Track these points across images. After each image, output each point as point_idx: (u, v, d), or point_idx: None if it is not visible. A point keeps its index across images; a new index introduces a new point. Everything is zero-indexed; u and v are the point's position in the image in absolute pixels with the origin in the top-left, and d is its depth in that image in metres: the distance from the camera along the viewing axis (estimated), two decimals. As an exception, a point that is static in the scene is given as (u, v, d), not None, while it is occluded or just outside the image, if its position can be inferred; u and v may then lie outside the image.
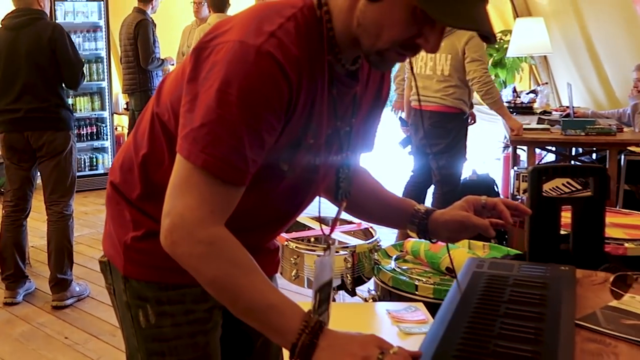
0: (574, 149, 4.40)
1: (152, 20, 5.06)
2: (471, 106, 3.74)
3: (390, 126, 4.68)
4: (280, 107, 0.87)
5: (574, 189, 3.28)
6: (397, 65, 4.06)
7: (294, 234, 2.50)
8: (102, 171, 5.79)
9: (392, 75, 4.05)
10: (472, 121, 4.24)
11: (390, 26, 0.85)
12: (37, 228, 4.34)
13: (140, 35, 4.92)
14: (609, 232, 2.32)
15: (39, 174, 3.27)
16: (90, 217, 4.87)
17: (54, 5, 5.41)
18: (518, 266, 1.22)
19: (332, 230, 1.11)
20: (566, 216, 1.35)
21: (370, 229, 2.59)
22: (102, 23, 5.66)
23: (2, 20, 3.17)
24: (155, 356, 1.06)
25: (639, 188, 3.98)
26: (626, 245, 2.20)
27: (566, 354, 0.85)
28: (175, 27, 5.62)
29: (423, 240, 2.35)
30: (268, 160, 0.93)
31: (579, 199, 1.34)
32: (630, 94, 4.14)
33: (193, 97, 0.87)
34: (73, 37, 3.31)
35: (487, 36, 0.84)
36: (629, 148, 3.20)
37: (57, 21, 5.22)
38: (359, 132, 1.09)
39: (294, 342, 0.82)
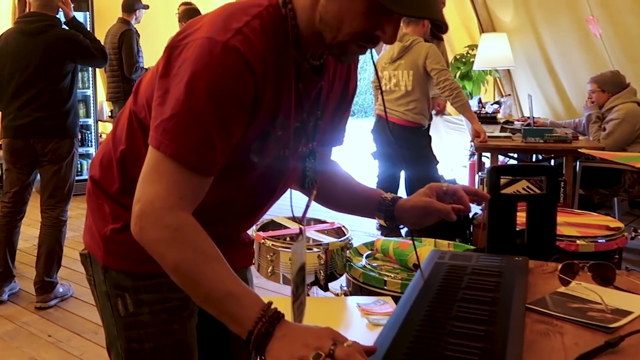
0: (534, 156, 4.49)
1: (136, 31, 5.04)
2: (430, 117, 3.85)
3: (359, 137, 4.71)
4: (246, 99, 0.88)
5: (532, 192, 3.35)
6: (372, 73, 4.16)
7: (271, 233, 2.51)
8: (86, 177, 5.68)
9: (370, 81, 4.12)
10: (441, 110, 4.35)
11: (350, 19, 0.87)
12: (22, 232, 4.28)
13: (124, 45, 4.90)
14: (564, 230, 2.39)
15: (38, 177, 3.21)
16: (74, 221, 4.79)
17: (40, 15, 5.36)
18: (476, 257, 1.25)
19: (303, 217, 1.12)
20: (522, 216, 1.39)
21: (342, 228, 2.62)
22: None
23: (17, 23, 3.09)
24: (134, 343, 1.06)
25: (592, 192, 4.08)
26: (578, 242, 2.26)
27: (516, 333, 0.88)
28: (159, 37, 5.59)
29: (392, 239, 2.41)
30: (239, 152, 0.94)
31: (532, 196, 1.38)
32: (585, 105, 4.25)
33: (164, 92, 0.88)
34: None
35: (440, 25, 0.86)
36: (578, 150, 3.28)
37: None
38: (328, 125, 1.10)
39: (251, 330, 0.80)
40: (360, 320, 1.85)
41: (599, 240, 2.31)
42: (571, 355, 0.85)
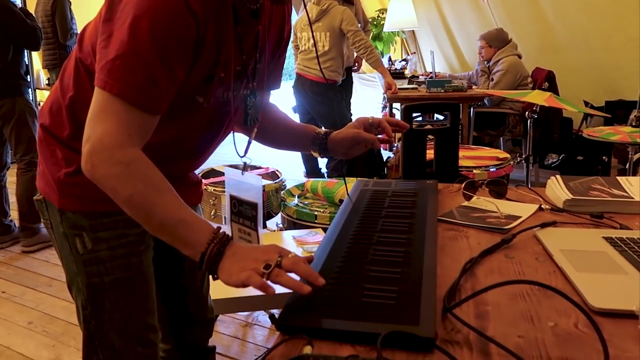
0: (436, 105, 4.63)
1: None
2: (344, 74, 3.84)
3: (284, 97, 4.65)
4: (188, 40, 0.83)
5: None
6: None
7: (212, 180, 2.47)
8: (27, 142, 5.31)
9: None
10: (358, 67, 4.36)
11: None
12: None
13: (57, 12, 4.47)
14: (463, 162, 2.51)
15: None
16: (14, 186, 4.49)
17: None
18: (395, 183, 1.30)
19: (246, 152, 1.09)
20: (430, 153, 1.44)
21: (276, 172, 2.61)
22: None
23: None
24: (94, 277, 1.01)
25: (483, 134, 4.30)
26: (474, 171, 2.40)
27: (431, 239, 0.93)
28: (90, 3, 5.17)
29: (320, 179, 2.44)
30: (185, 92, 0.90)
31: (439, 130, 1.43)
32: (478, 60, 4.40)
33: (108, 35, 0.82)
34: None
35: None
36: (477, 90, 3.39)
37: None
38: (266, 69, 1.07)
39: (203, 251, 0.78)
40: (296, 249, 1.89)
41: (491, 169, 2.45)
42: (475, 252, 0.90)
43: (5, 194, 3.18)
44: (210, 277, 0.79)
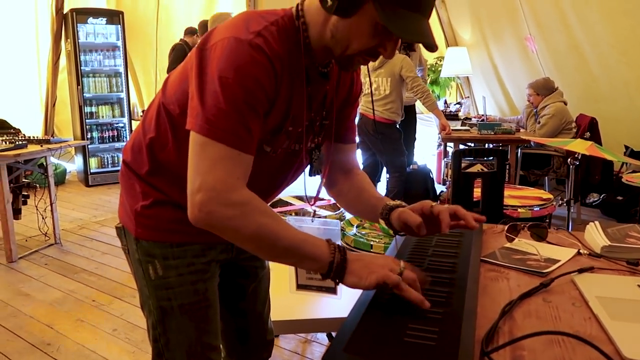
0: (487, 144, 4.52)
1: (189, 47, 4.77)
2: (403, 115, 3.83)
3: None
4: (269, 88, 0.84)
5: (485, 171, 3.38)
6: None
7: (279, 209, 2.54)
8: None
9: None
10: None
11: (358, 38, 0.83)
12: (67, 214, 4.15)
13: (172, 57, 4.77)
14: (508, 201, 2.43)
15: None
16: (113, 205, 4.52)
17: (76, 27, 4.89)
18: (442, 223, 1.29)
19: (316, 200, 1.06)
20: (477, 191, 1.42)
21: (337, 204, 2.65)
22: (119, 43, 5.16)
23: None
24: (164, 301, 1.00)
25: (529, 173, 4.13)
26: (519, 210, 2.31)
27: (474, 279, 0.91)
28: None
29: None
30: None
31: (486, 174, 1.41)
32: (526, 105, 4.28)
33: (200, 87, 0.82)
34: (94, 55, 2.95)
35: (430, 46, 0.81)
36: (521, 137, 3.29)
37: (79, 41, 4.93)
38: (333, 123, 1.03)
39: (331, 260, 0.80)
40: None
41: (535, 208, 2.35)
42: (515, 293, 0.88)
43: None
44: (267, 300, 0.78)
